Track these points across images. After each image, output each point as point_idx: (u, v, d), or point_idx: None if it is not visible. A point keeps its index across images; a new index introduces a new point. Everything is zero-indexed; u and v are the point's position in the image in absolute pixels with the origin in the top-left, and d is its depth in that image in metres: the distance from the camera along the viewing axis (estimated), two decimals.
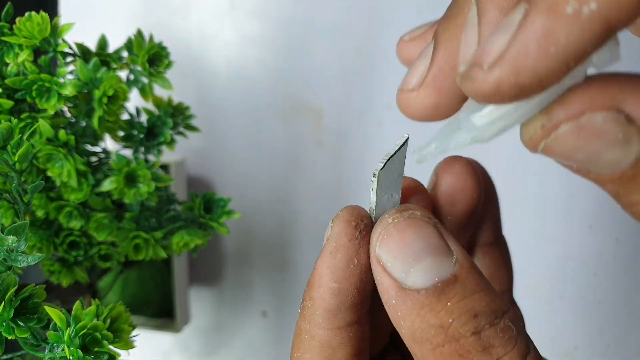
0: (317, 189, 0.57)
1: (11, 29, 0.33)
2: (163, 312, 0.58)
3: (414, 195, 0.22)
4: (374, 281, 0.20)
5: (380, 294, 0.19)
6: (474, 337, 0.18)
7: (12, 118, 0.31)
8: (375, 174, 0.20)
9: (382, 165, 0.20)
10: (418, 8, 0.52)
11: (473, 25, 0.17)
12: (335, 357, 0.21)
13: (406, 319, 0.18)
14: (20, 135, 0.29)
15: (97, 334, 0.27)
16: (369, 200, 0.21)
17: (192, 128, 0.41)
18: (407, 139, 0.21)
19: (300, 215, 0.58)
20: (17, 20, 0.33)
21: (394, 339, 0.25)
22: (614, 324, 0.53)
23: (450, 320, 0.18)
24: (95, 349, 0.27)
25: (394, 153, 0.21)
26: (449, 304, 0.18)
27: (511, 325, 0.18)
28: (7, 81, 0.33)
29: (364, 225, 0.20)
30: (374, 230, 0.20)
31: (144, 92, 0.38)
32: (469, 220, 0.23)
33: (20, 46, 0.33)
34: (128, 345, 0.29)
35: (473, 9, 0.17)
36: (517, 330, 0.18)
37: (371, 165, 0.55)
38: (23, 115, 0.34)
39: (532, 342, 0.19)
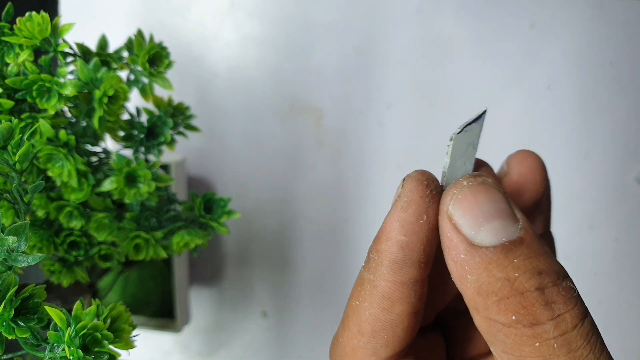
0: (317, 188, 0.57)
1: (11, 29, 0.33)
2: (163, 312, 0.58)
3: (484, 171, 0.24)
4: (438, 244, 0.22)
5: (446, 250, 0.21)
6: (538, 292, 0.19)
7: (13, 118, 0.31)
8: (451, 138, 0.22)
9: (460, 130, 0.22)
10: (418, 8, 0.52)
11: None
12: (394, 310, 0.22)
13: (473, 272, 0.20)
14: (20, 135, 0.29)
15: (98, 334, 0.27)
16: (442, 165, 0.23)
17: (193, 128, 0.41)
18: (485, 111, 0.22)
19: (301, 215, 0.58)
20: (17, 20, 0.33)
21: (438, 319, 0.28)
22: (614, 324, 0.53)
23: (516, 275, 0.19)
24: (96, 349, 0.27)
25: (472, 121, 0.22)
26: (515, 260, 0.20)
27: (573, 287, 0.20)
28: (7, 81, 0.33)
29: (434, 186, 0.22)
30: (447, 190, 0.22)
31: (144, 92, 0.38)
32: (531, 211, 0.26)
33: (20, 46, 0.33)
34: (128, 345, 0.29)
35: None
36: (577, 293, 0.20)
37: (371, 165, 0.55)
38: (23, 115, 0.34)
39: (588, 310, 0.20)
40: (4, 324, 0.26)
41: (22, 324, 0.27)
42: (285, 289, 0.60)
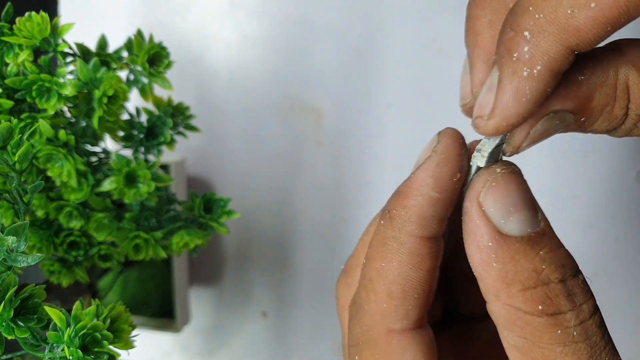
0: (317, 189, 0.57)
1: (11, 29, 0.33)
2: (163, 312, 0.57)
3: None
4: (454, 203, 0.22)
5: (470, 236, 0.21)
6: (561, 284, 0.20)
7: (12, 118, 0.31)
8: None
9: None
10: (418, 8, 0.52)
11: (466, 72, 0.23)
12: (423, 266, 0.22)
13: (500, 261, 0.20)
14: (20, 135, 0.29)
15: (97, 334, 0.27)
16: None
17: (192, 128, 0.41)
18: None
19: (301, 215, 0.58)
20: (17, 20, 0.33)
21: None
22: (614, 324, 0.53)
23: (543, 267, 0.20)
24: (95, 349, 0.27)
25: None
26: (540, 252, 0.20)
27: (586, 280, 0.21)
28: (7, 81, 0.33)
29: (466, 146, 0.22)
30: (478, 176, 0.21)
31: (144, 92, 0.38)
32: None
33: (20, 46, 0.33)
34: (128, 345, 0.29)
35: (465, 59, 0.23)
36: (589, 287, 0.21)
37: (371, 165, 0.55)
38: (23, 116, 0.34)
39: None
40: (4, 324, 0.26)
41: (21, 324, 0.27)
42: (285, 289, 0.60)
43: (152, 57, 0.37)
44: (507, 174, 0.21)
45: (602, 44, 0.20)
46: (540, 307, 0.20)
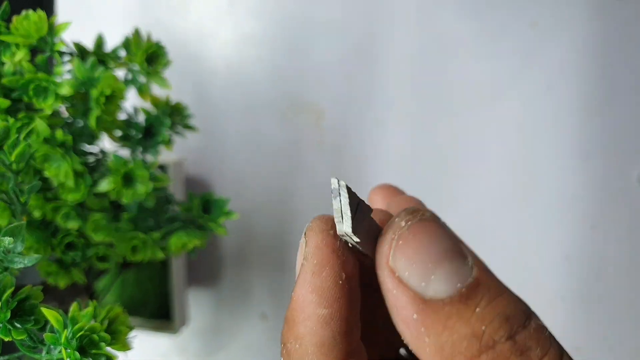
0: (317, 188, 0.57)
1: (8, 27, 0.33)
2: (161, 314, 0.57)
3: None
4: (359, 298, 0.18)
5: (393, 311, 0.17)
6: (510, 341, 0.16)
7: (9, 117, 0.31)
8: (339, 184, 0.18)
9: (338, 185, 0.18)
10: (418, 7, 0.52)
11: None
12: None
13: (431, 333, 0.17)
14: (17, 135, 0.29)
15: (95, 336, 0.27)
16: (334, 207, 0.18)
17: (190, 128, 0.40)
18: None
19: (300, 216, 0.57)
20: (13, 19, 0.33)
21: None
22: (616, 324, 0.53)
23: (483, 328, 0.16)
24: (93, 351, 0.27)
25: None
26: (477, 309, 0.17)
27: (543, 325, 0.17)
28: (3, 80, 0.33)
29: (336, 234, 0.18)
30: (383, 237, 0.18)
31: (142, 91, 0.38)
32: None
33: (17, 45, 0.33)
34: (125, 346, 0.28)
35: None
36: (548, 331, 0.17)
37: (371, 165, 0.55)
38: (20, 115, 0.34)
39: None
40: (1, 325, 0.26)
41: (18, 325, 0.27)
42: (284, 290, 0.60)
43: (150, 56, 0.37)
44: (416, 225, 0.17)
45: None
46: None
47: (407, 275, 0.17)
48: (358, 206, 0.18)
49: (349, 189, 0.17)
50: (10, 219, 0.31)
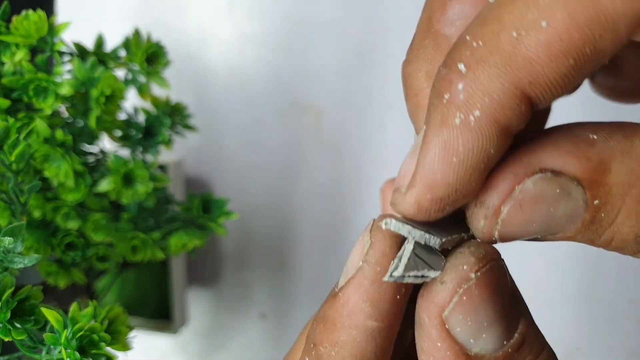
0: (317, 189, 0.57)
1: (8, 27, 0.33)
2: (161, 314, 0.57)
3: None
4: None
5: (426, 358, 0.16)
6: None
7: (9, 117, 0.31)
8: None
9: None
10: (418, 6, 0.52)
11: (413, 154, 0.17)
12: None
13: None
14: (17, 135, 0.29)
15: (95, 336, 0.27)
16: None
17: (190, 128, 0.41)
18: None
19: (300, 216, 0.57)
20: (13, 19, 0.33)
21: None
22: (616, 324, 0.53)
23: None
24: (93, 351, 0.27)
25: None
26: None
27: None
28: (3, 80, 0.33)
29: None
30: (443, 283, 0.15)
31: (142, 91, 0.38)
32: None
33: (17, 45, 0.33)
34: (125, 346, 0.28)
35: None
36: None
37: (371, 165, 0.55)
38: (20, 115, 0.34)
39: None
40: (1, 325, 0.26)
41: (18, 325, 0.27)
42: (284, 290, 0.60)
43: (149, 56, 0.37)
44: (485, 279, 0.15)
45: None
46: None
47: (458, 331, 0.15)
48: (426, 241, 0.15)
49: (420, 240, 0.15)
50: (10, 219, 0.31)
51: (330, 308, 0.16)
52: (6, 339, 0.27)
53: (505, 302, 0.15)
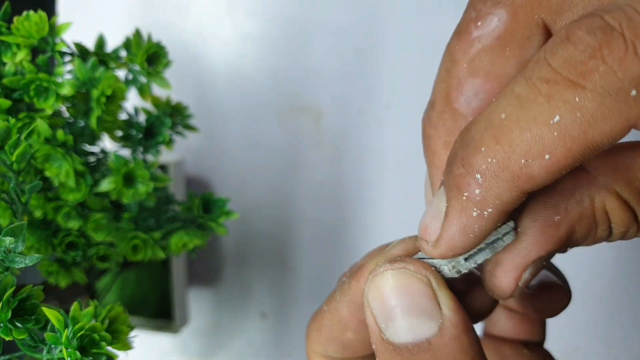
0: (317, 189, 0.57)
1: (9, 28, 0.33)
2: (161, 313, 0.57)
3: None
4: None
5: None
6: None
7: (10, 118, 0.31)
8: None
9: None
10: (418, 8, 0.52)
11: (428, 189, 0.24)
12: None
13: None
14: (18, 135, 0.29)
15: (95, 335, 0.27)
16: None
17: (191, 128, 0.41)
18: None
19: (300, 215, 0.57)
20: (14, 19, 0.33)
21: None
22: (615, 325, 0.53)
23: None
24: (93, 350, 0.27)
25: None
26: None
27: None
28: (4, 81, 0.33)
29: None
30: (365, 268, 0.22)
31: (143, 91, 0.38)
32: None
33: (18, 45, 0.33)
34: (126, 346, 0.29)
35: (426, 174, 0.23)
36: None
37: (371, 165, 0.55)
38: (21, 115, 0.34)
39: None
40: (2, 325, 0.26)
41: (19, 325, 0.27)
42: (284, 289, 0.60)
43: (150, 56, 0.37)
44: (392, 274, 0.20)
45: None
46: None
47: (375, 312, 0.20)
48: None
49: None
50: (11, 219, 0.31)
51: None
52: (7, 339, 0.27)
53: (411, 304, 0.19)
